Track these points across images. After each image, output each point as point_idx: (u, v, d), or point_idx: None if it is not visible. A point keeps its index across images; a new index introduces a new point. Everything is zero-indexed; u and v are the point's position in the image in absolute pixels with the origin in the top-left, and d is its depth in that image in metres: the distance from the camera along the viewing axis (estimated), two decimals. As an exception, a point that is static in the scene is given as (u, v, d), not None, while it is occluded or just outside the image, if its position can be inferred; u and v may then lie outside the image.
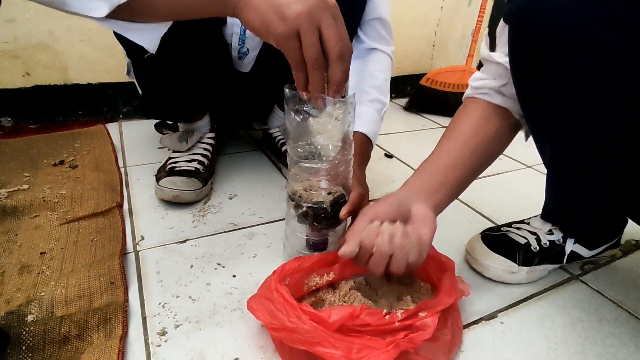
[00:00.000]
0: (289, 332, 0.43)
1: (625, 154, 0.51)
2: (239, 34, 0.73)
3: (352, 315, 0.43)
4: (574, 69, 0.45)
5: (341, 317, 0.43)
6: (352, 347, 0.41)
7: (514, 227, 0.66)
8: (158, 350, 0.48)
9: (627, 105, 0.46)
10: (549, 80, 0.49)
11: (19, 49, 1.06)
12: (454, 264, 0.53)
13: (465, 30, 1.68)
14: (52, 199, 0.75)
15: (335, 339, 0.42)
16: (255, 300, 0.48)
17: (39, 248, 0.63)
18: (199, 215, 0.75)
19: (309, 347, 0.42)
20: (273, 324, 0.44)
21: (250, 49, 0.76)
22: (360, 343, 0.42)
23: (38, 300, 0.51)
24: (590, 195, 0.59)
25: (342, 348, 0.41)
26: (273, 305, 0.45)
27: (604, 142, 0.51)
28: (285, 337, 0.43)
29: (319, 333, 0.42)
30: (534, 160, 1.10)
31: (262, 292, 0.48)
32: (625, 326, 0.56)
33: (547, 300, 0.60)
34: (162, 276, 0.60)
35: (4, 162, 0.90)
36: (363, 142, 0.72)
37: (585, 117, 0.49)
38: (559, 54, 0.46)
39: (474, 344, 0.52)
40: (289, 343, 0.43)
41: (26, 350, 0.46)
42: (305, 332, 0.42)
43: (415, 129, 1.34)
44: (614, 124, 0.48)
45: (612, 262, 0.69)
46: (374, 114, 0.75)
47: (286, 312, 0.44)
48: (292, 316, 0.43)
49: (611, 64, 0.43)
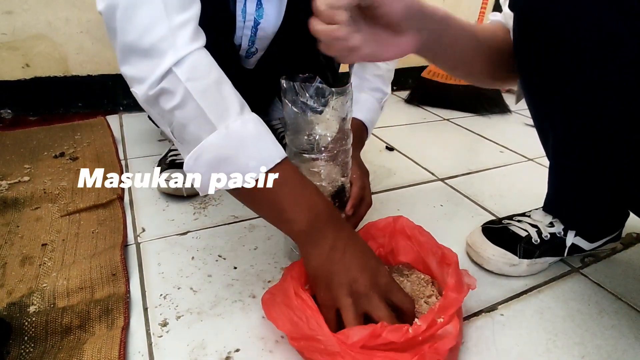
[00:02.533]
0: (308, 340, 0.41)
1: (628, 146, 0.51)
2: (249, 36, 0.72)
3: (373, 334, 0.40)
4: (581, 58, 0.45)
5: (361, 338, 0.40)
6: (374, 359, 0.39)
7: (515, 219, 0.66)
8: (159, 341, 0.48)
9: (632, 97, 0.46)
10: (554, 70, 0.48)
11: (17, 40, 1.05)
12: (457, 257, 0.52)
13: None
14: (53, 190, 0.75)
15: (356, 352, 0.39)
16: (275, 308, 0.46)
17: (40, 240, 0.63)
18: (200, 207, 0.75)
19: (329, 357, 0.40)
20: (293, 332, 0.43)
21: (259, 49, 0.75)
22: (383, 355, 0.40)
23: (40, 292, 0.52)
24: (592, 188, 0.59)
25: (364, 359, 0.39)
26: (293, 313, 0.44)
27: (607, 134, 0.50)
28: (304, 346, 0.42)
29: (339, 344, 0.40)
30: (536, 153, 1.09)
31: (280, 299, 0.47)
32: (625, 318, 0.56)
33: (548, 293, 0.60)
34: (163, 268, 0.60)
35: (5, 154, 0.90)
36: (359, 128, 0.72)
37: (590, 108, 0.49)
38: (565, 43, 0.45)
39: (474, 336, 0.52)
40: (307, 354, 0.42)
41: (28, 340, 0.46)
42: (325, 341, 0.40)
43: (416, 122, 1.33)
44: (619, 116, 0.48)
45: (612, 255, 0.69)
46: (373, 103, 0.75)
47: (306, 319, 0.42)
48: (312, 323, 0.41)
49: (619, 55, 0.43)
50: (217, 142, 0.45)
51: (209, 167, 0.46)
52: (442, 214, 0.79)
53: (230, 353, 0.47)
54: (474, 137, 1.24)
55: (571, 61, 0.46)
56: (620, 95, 0.46)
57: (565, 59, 0.46)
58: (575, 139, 0.54)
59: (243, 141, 0.45)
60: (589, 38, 0.43)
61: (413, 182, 0.91)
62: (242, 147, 0.45)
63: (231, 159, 0.45)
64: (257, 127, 0.47)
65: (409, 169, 0.98)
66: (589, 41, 0.43)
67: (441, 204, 0.82)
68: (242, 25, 0.70)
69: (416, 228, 0.57)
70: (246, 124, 0.46)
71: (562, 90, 0.49)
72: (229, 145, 0.45)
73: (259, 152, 0.46)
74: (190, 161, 0.46)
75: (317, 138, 0.52)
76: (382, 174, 0.94)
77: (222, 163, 0.45)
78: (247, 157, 0.45)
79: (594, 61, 0.44)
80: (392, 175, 0.94)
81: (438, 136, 1.23)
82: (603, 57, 0.44)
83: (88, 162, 0.87)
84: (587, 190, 0.59)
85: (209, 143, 0.45)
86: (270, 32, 0.71)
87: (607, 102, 0.47)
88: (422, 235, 0.56)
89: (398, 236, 0.58)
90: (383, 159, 1.02)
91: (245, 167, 0.45)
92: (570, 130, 0.54)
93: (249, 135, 0.46)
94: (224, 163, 0.45)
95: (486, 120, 1.39)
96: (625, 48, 0.42)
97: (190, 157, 0.46)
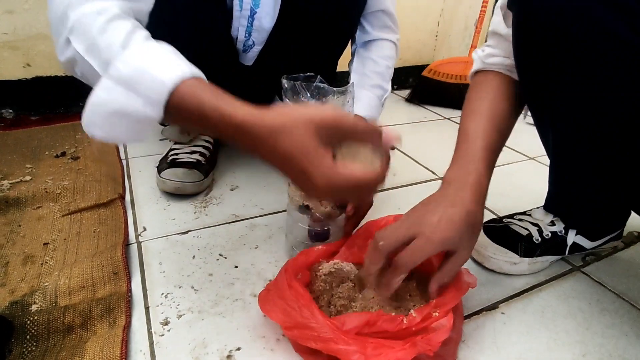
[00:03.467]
0: (301, 329, 0.42)
1: (629, 145, 0.51)
2: (245, 26, 0.72)
3: (368, 323, 0.41)
4: (581, 56, 0.45)
5: (356, 326, 0.41)
6: (366, 345, 0.40)
7: (515, 218, 0.66)
8: (161, 340, 0.48)
9: (633, 96, 0.46)
10: (554, 68, 0.48)
11: (18, 40, 1.05)
12: None
13: (468, 21, 1.66)
14: (55, 190, 0.75)
15: (349, 337, 0.40)
16: (269, 301, 0.47)
17: (42, 239, 0.63)
18: (201, 206, 0.75)
19: (323, 344, 0.40)
20: (286, 322, 0.43)
21: (256, 43, 0.75)
22: (376, 342, 0.41)
23: (42, 290, 0.52)
24: (593, 187, 0.58)
25: (357, 345, 0.40)
26: (286, 303, 0.44)
27: (608, 132, 0.50)
28: (298, 335, 0.42)
29: (332, 330, 0.40)
30: (537, 152, 1.09)
31: (274, 292, 0.47)
32: (626, 317, 0.56)
33: (549, 291, 0.60)
34: (164, 267, 0.60)
35: (6, 153, 0.90)
36: None
37: (590, 107, 0.49)
38: (565, 41, 0.45)
39: (475, 335, 0.52)
40: (301, 342, 0.42)
41: (30, 339, 0.46)
42: (318, 328, 0.41)
43: (417, 121, 1.33)
44: (619, 114, 0.48)
45: (614, 253, 0.69)
46: (374, 99, 0.75)
47: (299, 308, 0.42)
48: (304, 311, 0.42)
49: (619, 52, 0.43)
50: (104, 96, 0.40)
51: (110, 124, 0.41)
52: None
53: (231, 351, 0.47)
54: (474, 136, 1.23)
55: (572, 60, 0.46)
56: (621, 93, 0.46)
57: (566, 58, 0.46)
58: (575, 137, 0.54)
59: (128, 85, 0.40)
60: (591, 37, 0.43)
61: (414, 181, 0.91)
62: (128, 93, 0.39)
63: (123, 109, 0.40)
64: (138, 61, 0.40)
65: (409, 168, 0.98)
66: (591, 40, 0.43)
67: (442, 203, 0.82)
68: (239, 14, 0.70)
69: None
70: (127, 63, 0.40)
71: (562, 89, 0.49)
72: (115, 93, 0.40)
73: (145, 91, 0.39)
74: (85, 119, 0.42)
75: None
76: (382, 173, 0.94)
77: (115, 116, 0.41)
78: (135, 102, 0.39)
79: (595, 60, 0.44)
80: (392, 174, 0.94)
81: (439, 135, 1.22)
82: (604, 56, 0.43)
83: (89, 161, 0.87)
84: (588, 189, 0.59)
85: (97, 98, 0.40)
86: (267, 23, 0.71)
87: (608, 101, 0.47)
88: None
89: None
90: (384, 158, 1.02)
91: (140, 112, 0.40)
92: (570, 129, 0.54)
93: (129, 76, 0.40)
94: (116, 115, 0.40)
95: (487, 119, 1.39)
96: (627, 47, 0.42)
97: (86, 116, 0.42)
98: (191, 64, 0.42)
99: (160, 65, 0.40)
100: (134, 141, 0.43)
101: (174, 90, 0.39)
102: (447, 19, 1.66)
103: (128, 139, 0.43)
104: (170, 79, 0.39)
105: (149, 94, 0.39)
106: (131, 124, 0.41)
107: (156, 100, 0.39)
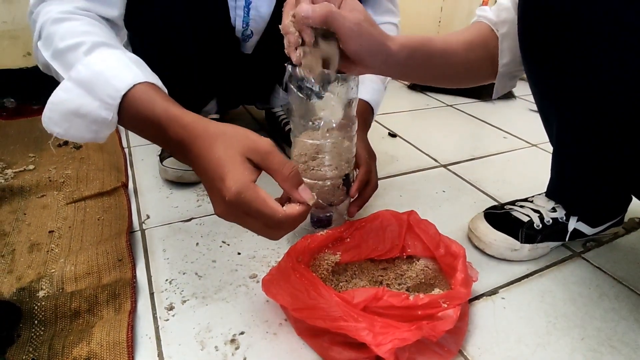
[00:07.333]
0: (310, 309, 0.43)
1: (632, 132, 0.50)
2: (242, 17, 0.72)
3: (375, 296, 0.43)
4: (587, 42, 0.44)
5: (365, 299, 0.43)
6: (375, 323, 0.42)
7: (517, 205, 0.66)
8: (166, 325, 0.49)
9: (638, 84, 0.45)
10: (560, 54, 0.48)
11: (18, 29, 1.05)
12: (465, 251, 0.53)
13: (472, 6, 1.63)
14: (58, 179, 0.76)
15: (358, 314, 0.42)
16: (274, 285, 0.48)
17: (47, 227, 0.64)
18: (203, 194, 0.76)
19: (332, 322, 0.41)
20: (294, 304, 0.44)
21: (254, 32, 0.75)
22: (383, 321, 0.42)
23: (48, 277, 0.53)
24: (595, 174, 0.58)
25: (366, 322, 0.41)
26: (292, 286, 0.45)
27: (613, 119, 0.50)
28: (307, 315, 0.43)
29: (341, 308, 0.42)
30: (539, 139, 1.09)
31: (279, 276, 0.48)
32: (625, 302, 0.57)
33: (549, 277, 0.61)
34: (168, 254, 0.61)
35: (9, 143, 0.90)
36: (365, 109, 0.72)
37: (595, 93, 0.48)
38: (572, 27, 0.44)
39: (475, 319, 0.52)
40: (310, 322, 0.43)
41: (38, 324, 0.47)
42: (327, 308, 0.42)
43: (419, 108, 1.32)
44: (623, 103, 0.47)
45: (614, 239, 0.70)
46: (377, 83, 0.75)
47: (305, 290, 0.43)
48: (312, 292, 0.43)
49: (626, 38, 0.42)
50: (63, 96, 0.44)
51: (68, 123, 0.44)
52: (444, 200, 0.79)
53: (235, 335, 0.48)
54: (477, 122, 1.23)
55: (579, 46, 0.45)
56: (626, 82, 0.45)
57: (573, 44, 0.46)
58: (579, 125, 0.53)
59: (87, 87, 0.43)
60: (598, 25, 0.43)
61: (416, 169, 0.91)
62: (85, 94, 0.43)
63: (79, 109, 0.43)
64: (98, 66, 0.44)
65: (411, 155, 0.98)
66: (597, 28, 0.43)
67: (444, 190, 0.82)
68: (234, 4, 0.70)
69: (423, 222, 0.58)
70: (88, 66, 0.43)
71: (569, 75, 0.49)
72: (74, 94, 0.43)
73: (101, 93, 0.43)
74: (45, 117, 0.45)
75: (322, 124, 0.52)
76: (384, 160, 0.94)
77: (72, 115, 0.44)
78: (91, 103, 0.43)
79: (601, 48, 0.44)
80: (394, 161, 0.94)
81: (441, 122, 1.22)
82: (611, 44, 0.43)
83: (92, 150, 0.88)
84: (589, 176, 0.59)
85: (57, 97, 0.44)
86: (264, 13, 0.71)
87: (615, 87, 0.46)
88: (429, 229, 0.57)
89: (408, 231, 0.59)
90: (386, 146, 1.02)
91: (95, 113, 0.43)
92: (574, 117, 0.53)
93: (88, 79, 0.43)
94: (73, 115, 0.44)
95: (489, 105, 1.38)
96: (635, 35, 0.41)
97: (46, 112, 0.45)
98: (151, 72, 0.46)
99: (117, 70, 0.43)
100: (92, 140, 0.46)
101: (127, 93, 0.42)
102: (450, 4, 1.64)
103: (85, 138, 0.46)
104: (124, 82, 0.42)
105: (103, 96, 0.42)
106: (88, 124, 0.44)
107: (111, 103, 0.42)
